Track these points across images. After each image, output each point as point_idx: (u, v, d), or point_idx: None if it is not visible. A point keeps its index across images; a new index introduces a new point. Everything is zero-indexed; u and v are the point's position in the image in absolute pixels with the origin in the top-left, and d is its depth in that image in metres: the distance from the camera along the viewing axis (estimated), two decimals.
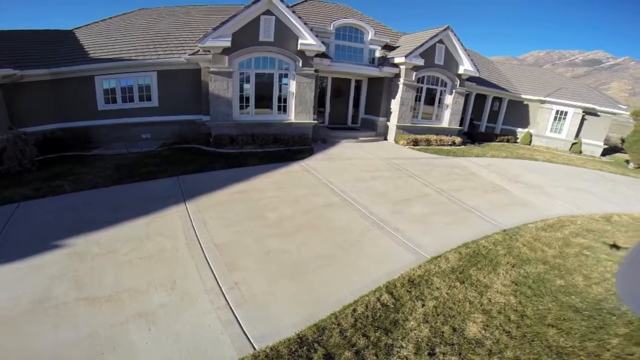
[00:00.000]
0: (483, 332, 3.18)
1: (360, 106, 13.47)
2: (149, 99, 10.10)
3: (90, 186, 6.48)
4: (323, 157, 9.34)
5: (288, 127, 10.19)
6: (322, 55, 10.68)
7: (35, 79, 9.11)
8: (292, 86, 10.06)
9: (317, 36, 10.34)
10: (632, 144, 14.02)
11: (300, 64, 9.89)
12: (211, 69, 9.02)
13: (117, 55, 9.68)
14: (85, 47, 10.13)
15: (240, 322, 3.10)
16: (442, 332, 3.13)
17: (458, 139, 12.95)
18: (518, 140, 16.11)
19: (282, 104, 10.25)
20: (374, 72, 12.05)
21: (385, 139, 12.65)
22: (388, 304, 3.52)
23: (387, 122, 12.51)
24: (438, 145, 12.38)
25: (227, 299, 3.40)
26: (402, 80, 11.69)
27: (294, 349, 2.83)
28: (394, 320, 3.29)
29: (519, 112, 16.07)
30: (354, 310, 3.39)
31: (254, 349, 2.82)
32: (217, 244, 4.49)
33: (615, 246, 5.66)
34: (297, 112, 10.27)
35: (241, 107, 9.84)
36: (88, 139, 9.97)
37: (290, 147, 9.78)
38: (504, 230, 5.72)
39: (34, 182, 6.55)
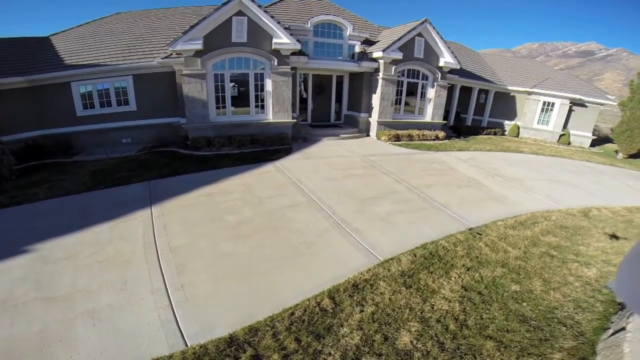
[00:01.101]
0: (415, 342, 3.10)
1: (343, 103, 13.41)
2: (126, 103, 10.12)
3: (64, 193, 6.59)
4: (300, 156, 9.34)
5: (266, 127, 10.18)
6: (299, 53, 10.61)
7: (12, 86, 9.15)
8: (269, 85, 10.03)
9: (293, 34, 10.29)
10: (620, 134, 13.88)
11: (276, 63, 9.85)
12: (184, 72, 9.01)
13: (92, 60, 9.69)
14: (60, 53, 10.14)
15: (179, 320, 3.26)
16: (373, 341, 3.11)
17: (442, 133, 12.87)
18: (506, 133, 15.98)
19: (259, 104, 10.24)
20: (353, 67, 11.98)
21: (368, 135, 12.61)
22: (327, 308, 3.54)
23: (369, 118, 12.46)
24: (420, 140, 12.32)
25: (171, 299, 3.55)
26: (381, 74, 11.61)
27: (222, 348, 2.93)
28: (329, 325, 3.30)
29: (506, 104, 15.92)
30: (292, 313, 3.42)
31: (186, 345, 2.97)
32: (172, 247, 4.59)
33: (586, 245, 5.48)
34: (275, 112, 10.25)
35: (217, 109, 9.83)
36: (69, 145, 10.03)
37: (267, 147, 9.78)
38: (470, 229, 5.65)
39: (10, 191, 6.65)
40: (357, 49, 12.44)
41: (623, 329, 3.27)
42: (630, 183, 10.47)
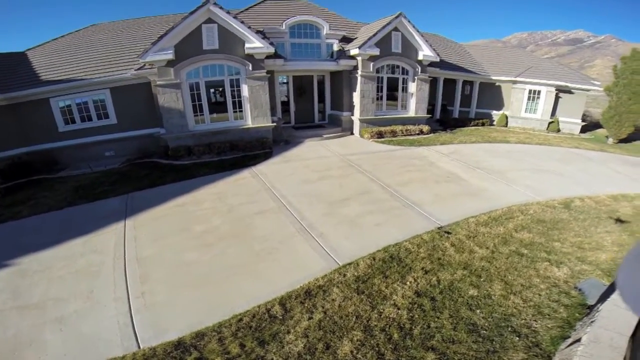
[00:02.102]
0: (355, 352, 3.07)
1: (326, 102, 13.39)
2: (106, 116, 10.20)
3: (46, 209, 6.80)
4: (279, 160, 9.36)
5: (246, 133, 10.20)
6: (275, 55, 10.61)
7: None
8: (245, 91, 10.04)
9: (268, 37, 10.30)
10: (609, 120, 13.73)
11: (251, 68, 9.85)
12: (158, 83, 9.05)
13: (68, 75, 9.76)
14: (37, 69, 10.23)
15: (135, 325, 3.52)
16: (315, 349, 3.13)
17: (426, 127, 12.81)
18: (494, 123, 15.87)
19: (237, 110, 10.26)
20: (332, 66, 11.95)
21: (352, 133, 12.60)
22: (277, 315, 3.58)
23: (352, 117, 12.43)
24: (404, 135, 12.28)
25: (131, 306, 3.80)
26: (359, 72, 11.57)
27: (169, 351, 3.14)
28: (276, 332, 3.35)
29: (492, 95, 15.79)
30: (240, 319, 3.51)
31: (139, 348, 3.23)
32: (139, 257, 4.77)
33: (562, 241, 5.24)
34: (254, 117, 10.27)
35: (196, 117, 9.87)
36: (54, 161, 10.15)
37: (248, 152, 9.81)
38: (439, 228, 5.57)
39: None
40: (336, 47, 12.40)
41: (579, 340, 2.97)
42: (619, 168, 10.29)
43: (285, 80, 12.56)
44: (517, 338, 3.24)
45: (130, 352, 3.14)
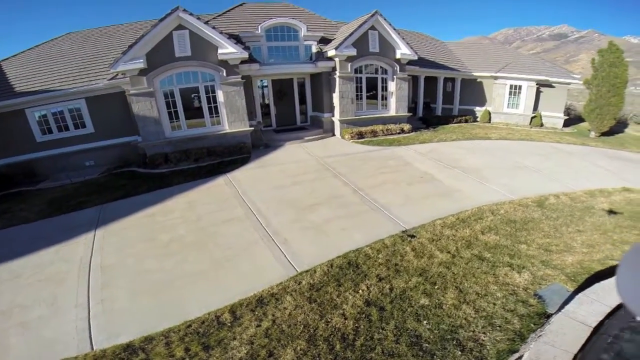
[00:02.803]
0: None
1: (308, 104, 13.40)
2: (83, 125, 10.17)
3: (22, 221, 6.89)
4: (255, 165, 9.38)
5: (223, 138, 10.21)
6: (251, 60, 10.60)
7: None
8: (221, 96, 10.03)
9: (241, 42, 10.29)
10: (590, 113, 13.80)
11: (225, 74, 9.84)
12: (131, 92, 9.03)
13: (43, 86, 9.73)
14: (11, 79, 10.17)
15: (91, 329, 3.73)
16: (258, 356, 3.20)
17: (407, 126, 12.85)
18: (478, 120, 15.94)
19: (214, 115, 10.26)
20: (310, 68, 11.95)
21: (334, 134, 12.62)
22: (225, 322, 3.66)
23: (332, 118, 12.45)
24: (385, 135, 12.31)
25: (90, 311, 4.00)
26: (338, 73, 11.57)
27: (118, 352, 3.33)
28: (222, 338, 3.44)
29: (474, 91, 15.85)
30: (189, 325, 3.63)
31: (92, 349, 3.44)
32: (103, 266, 4.94)
33: (528, 243, 5.13)
34: (231, 122, 10.27)
35: (172, 124, 9.87)
36: (33, 172, 10.12)
37: (225, 158, 9.82)
38: (404, 231, 5.57)
39: None
40: (314, 48, 12.39)
41: (521, 357, 2.87)
42: (600, 162, 10.32)
43: (264, 84, 12.55)
44: (460, 352, 3.10)
45: (83, 353, 3.37)
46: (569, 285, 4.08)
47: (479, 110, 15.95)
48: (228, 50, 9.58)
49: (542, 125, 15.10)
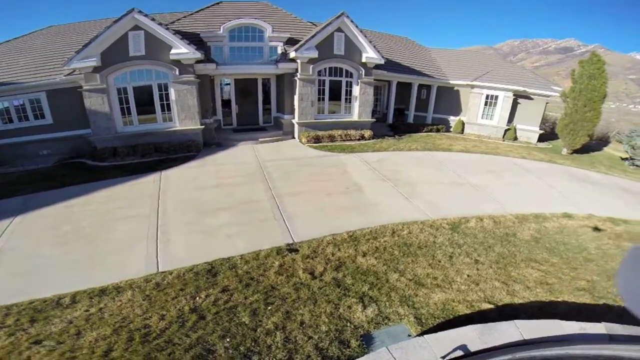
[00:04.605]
0: None
1: (272, 105, 13.49)
2: (42, 117, 10.65)
3: None
4: (196, 164, 9.59)
5: (173, 135, 10.48)
6: (207, 60, 10.78)
7: None
8: (173, 94, 10.29)
9: (201, 42, 10.49)
10: (563, 128, 13.20)
11: (178, 73, 10.07)
12: (84, 88, 9.39)
13: (7, 78, 10.24)
14: None
15: None
16: (67, 333, 3.63)
17: (368, 132, 12.75)
18: (451, 129, 15.53)
19: (166, 112, 10.53)
20: (271, 69, 12.03)
21: (293, 137, 12.68)
22: (63, 304, 4.11)
23: (293, 120, 12.50)
24: (343, 140, 12.27)
25: None
26: (298, 75, 11.59)
27: None
28: (50, 316, 3.93)
29: (450, 100, 15.45)
30: (32, 302, 4.12)
31: None
32: (3, 249, 5.35)
33: (403, 272, 4.90)
34: (181, 119, 10.53)
35: (124, 119, 10.21)
36: None
37: (171, 155, 10.09)
38: (288, 244, 5.53)
39: None
40: (280, 50, 12.43)
41: None
42: (556, 183, 9.91)
43: (227, 82, 12.71)
44: None
45: None
46: (413, 328, 3.76)
47: (453, 120, 15.55)
48: (180, 50, 9.79)
49: (515, 139, 14.58)
